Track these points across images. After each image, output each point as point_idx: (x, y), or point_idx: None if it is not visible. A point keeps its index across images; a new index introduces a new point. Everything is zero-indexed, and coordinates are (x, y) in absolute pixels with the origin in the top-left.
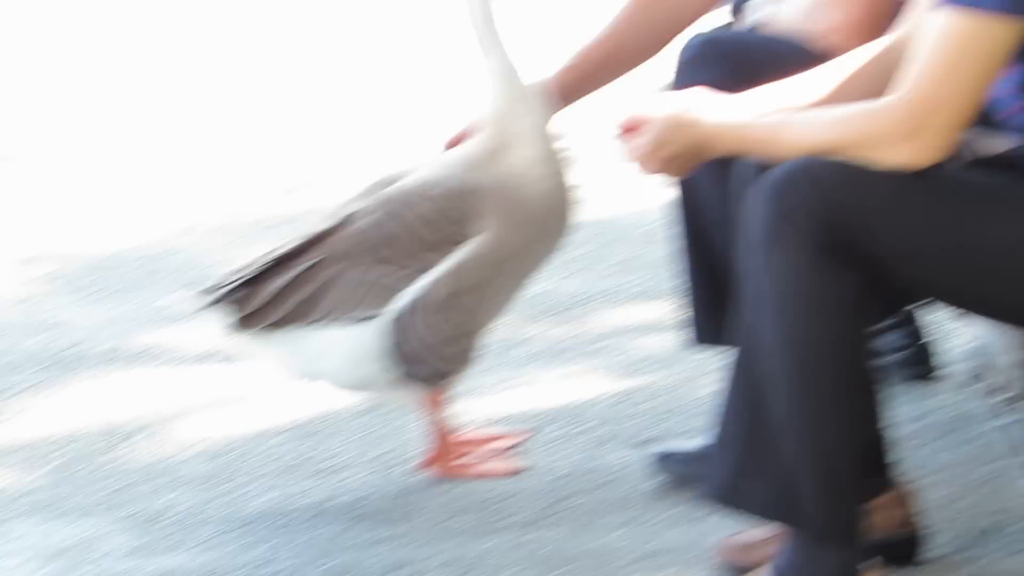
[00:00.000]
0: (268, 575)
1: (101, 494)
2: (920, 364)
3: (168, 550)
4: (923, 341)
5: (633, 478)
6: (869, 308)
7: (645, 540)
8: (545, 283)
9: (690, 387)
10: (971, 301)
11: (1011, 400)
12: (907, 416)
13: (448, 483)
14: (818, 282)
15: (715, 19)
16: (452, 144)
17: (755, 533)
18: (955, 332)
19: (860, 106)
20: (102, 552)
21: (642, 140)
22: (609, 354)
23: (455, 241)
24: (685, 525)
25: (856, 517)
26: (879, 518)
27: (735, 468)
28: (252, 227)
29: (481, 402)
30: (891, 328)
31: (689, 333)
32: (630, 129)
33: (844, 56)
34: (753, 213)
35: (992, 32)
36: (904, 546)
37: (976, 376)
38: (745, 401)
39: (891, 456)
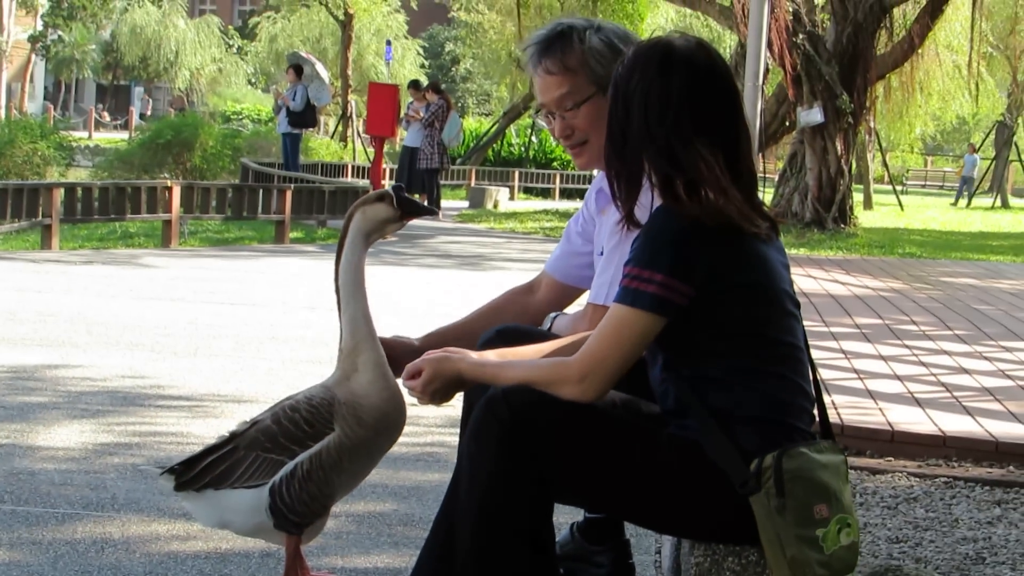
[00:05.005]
0: None
1: None
2: None
3: None
4: (629, 560)
5: None
6: (538, 493)
7: None
8: None
9: None
10: (599, 500)
11: None
12: None
13: None
14: (497, 467)
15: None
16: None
17: None
18: (652, 553)
19: (556, 359)
20: None
21: (418, 381)
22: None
23: (316, 437)
24: None
25: None
26: None
27: None
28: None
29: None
30: (605, 550)
31: None
32: (412, 376)
33: (567, 338)
34: (472, 414)
35: (641, 321)
36: None
37: None
38: (442, 536)
39: None
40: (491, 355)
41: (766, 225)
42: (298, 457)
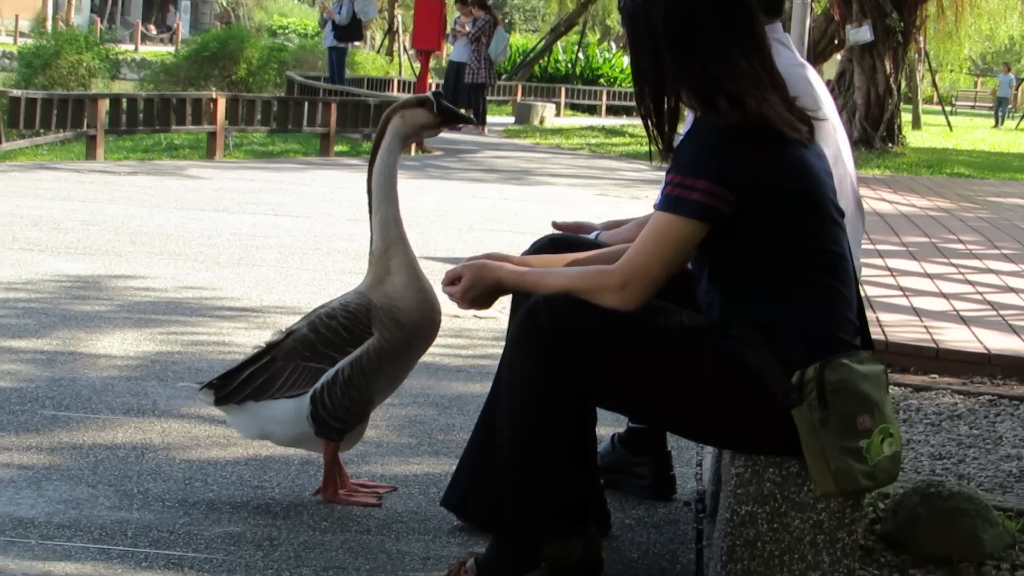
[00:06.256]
0: (230, 560)
1: None
2: (663, 488)
3: None
4: (670, 472)
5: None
6: (579, 402)
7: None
8: None
9: None
10: (639, 407)
11: (707, 513)
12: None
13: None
14: (537, 375)
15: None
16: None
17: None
18: (693, 466)
19: (597, 267)
20: None
21: (457, 287)
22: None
23: (355, 343)
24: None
25: (537, 538)
26: (574, 550)
27: (464, 488)
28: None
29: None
30: (646, 461)
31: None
32: (451, 281)
33: (608, 248)
34: (514, 321)
35: (684, 229)
36: (585, 573)
37: (696, 498)
38: (482, 443)
39: (589, 515)
40: (533, 262)
41: (806, 129)
42: (338, 364)
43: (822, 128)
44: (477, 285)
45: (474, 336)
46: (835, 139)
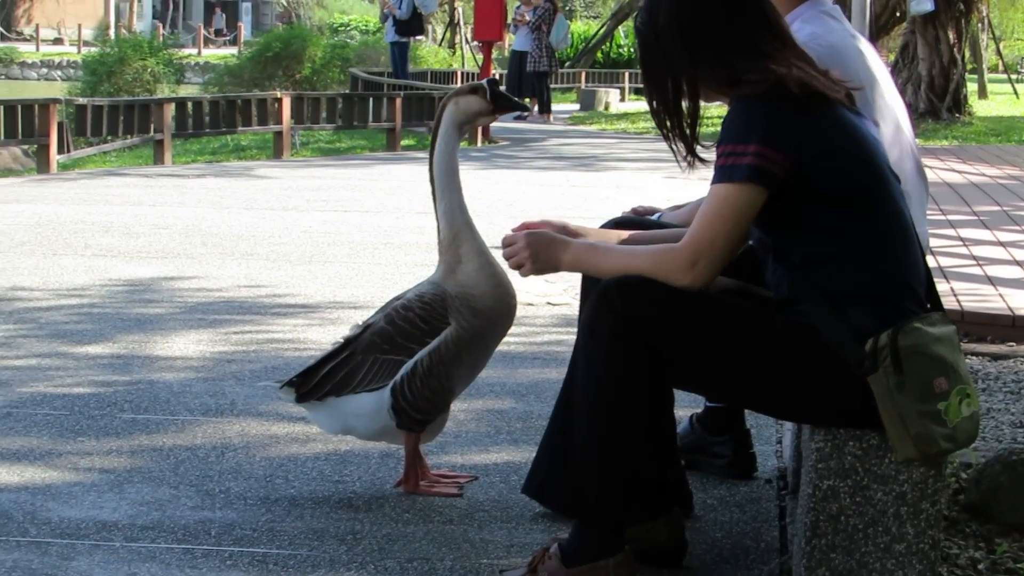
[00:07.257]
0: (314, 555)
1: None
2: (744, 467)
3: None
4: (750, 450)
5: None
6: (655, 383)
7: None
8: None
9: None
10: (716, 386)
11: (789, 489)
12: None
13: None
14: (612, 357)
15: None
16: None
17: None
18: (773, 443)
19: (663, 246)
20: None
21: (517, 248)
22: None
23: (432, 334)
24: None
25: (620, 520)
26: (658, 531)
27: (545, 474)
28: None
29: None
30: (725, 440)
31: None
32: (510, 242)
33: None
34: (586, 306)
35: (742, 195)
36: (670, 554)
37: (777, 475)
38: (560, 428)
39: (670, 496)
40: (591, 233)
41: (843, 92)
42: (417, 355)
43: (877, 96)
44: (543, 246)
45: (548, 324)
46: (892, 108)
